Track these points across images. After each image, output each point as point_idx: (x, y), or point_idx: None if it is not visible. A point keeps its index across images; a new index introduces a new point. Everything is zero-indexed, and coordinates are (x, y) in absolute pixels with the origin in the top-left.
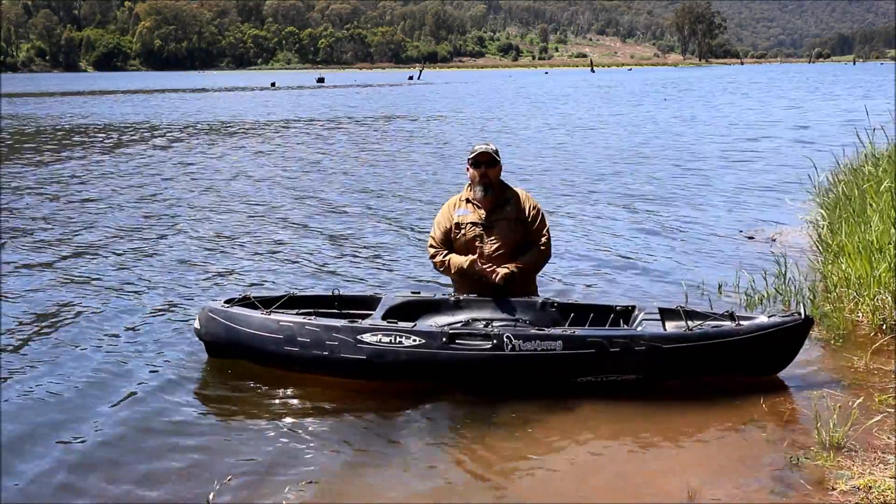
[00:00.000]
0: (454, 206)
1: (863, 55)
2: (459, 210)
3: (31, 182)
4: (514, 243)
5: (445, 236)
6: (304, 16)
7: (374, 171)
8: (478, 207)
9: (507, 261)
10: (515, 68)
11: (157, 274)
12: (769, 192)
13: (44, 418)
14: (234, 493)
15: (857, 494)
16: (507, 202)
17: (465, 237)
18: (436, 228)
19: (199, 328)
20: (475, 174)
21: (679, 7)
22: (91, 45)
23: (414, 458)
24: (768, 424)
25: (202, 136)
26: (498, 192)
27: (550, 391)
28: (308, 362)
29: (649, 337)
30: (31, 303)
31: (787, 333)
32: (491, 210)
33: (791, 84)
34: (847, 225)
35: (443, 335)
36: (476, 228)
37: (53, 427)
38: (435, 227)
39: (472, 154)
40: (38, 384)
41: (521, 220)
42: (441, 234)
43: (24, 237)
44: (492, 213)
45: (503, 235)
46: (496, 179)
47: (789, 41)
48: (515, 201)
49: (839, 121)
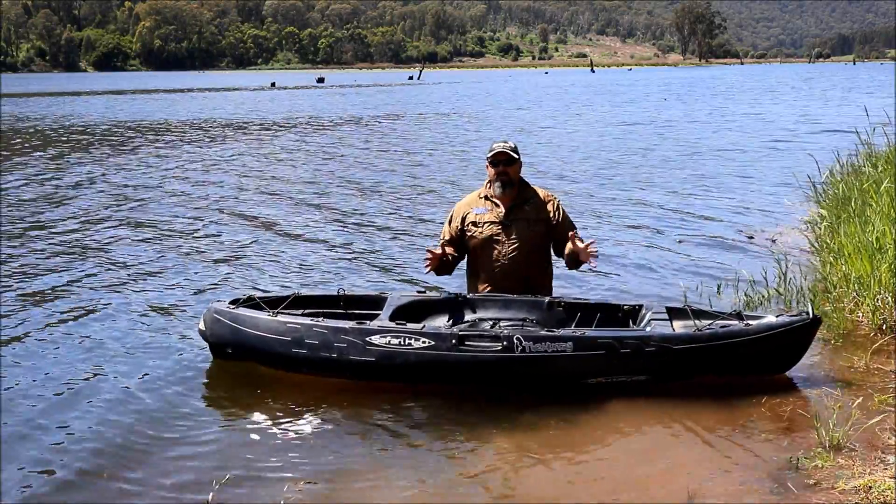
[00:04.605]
0: (470, 205)
1: (863, 55)
2: (477, 208)
3: (32, 182)
4: (532, 243)
5: (455, 236)
6: (304, 16)
7: (377, 170)
8: (496, 206)
9: (524, 261)
10: (515, 68)
11: (159, 275)
12: (769, 192)
13: (44, 417)
14: (235, 493)
15: (857, 494)
16: (526, 201)
17: (482, 235)
18: (447, 226)
19: (204, 329)
20: (493, 172)
21: (679, 7)
22: (91, 45)
23: (415, 459)
24: (768, 424)
25: (202, 137)
26: (518, 190)
27: (557, 393)
28: (315, 364)
29: (660, 338)
30: (32, 303)
31: (796, 333)
32: (510, 208)
33: (791, 85)
34: (847, 225)
35: (452, 336)
36: (494, 227)
37: (54, 426)
38: (446, 224)
39: (490, 152)
40: (39, 383)
41: (542, 220)
42: (451, 233)
43: (24, 237)
44: (510, 211)
45: (521, 235)
46: (516, 177)
47: (789, 41)
48: (536, 201)
49: (839, 121)
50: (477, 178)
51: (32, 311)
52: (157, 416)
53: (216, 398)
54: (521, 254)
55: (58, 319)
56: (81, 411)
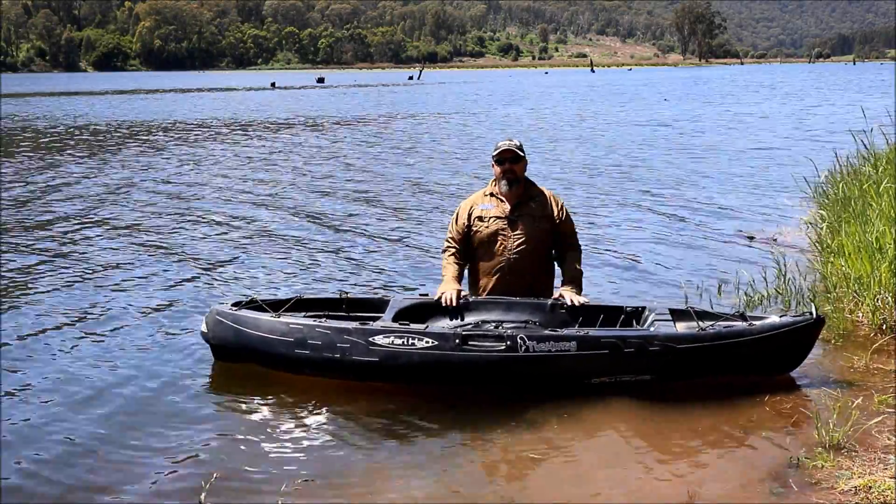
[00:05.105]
0: (475, 202)
1: (863, 55)
2: (482, 205)
3: (33, 182)
4: (537, 240)
5: (461, 233)
6: (304, 16)
7: (377, 171)
8: (501, 202)
9: (528, 256)
10: (515, 68)
11: (161, 276)
12: (769, 193)
13: (44, 417)
14: (235, 493)
15: (857, 494)
16: (532, 199)
17: (487, 230)
18: (452, 225)
19: (206, 331)
20: (499, 171)
21: (679, 7)
22: (91, 45)
23: (415, 459)
24: (768, 424)
25: (202, 137)
26: (523, 188)
27: (559, 393)
28: (318, 365)
29: (663, 337)
30: (32, 303)
31: (800, 333)
32: (515, 205)
33: (792, 85)
34: (847, 225)
35: (456, 336)
36: (500, 221)
37: (54, 425)
38: (452, 223)
39: (496, 151)
40: (40, 383)
41: (547, 218)
42: (457, 231)
43: (25, 237)
44: (516, 208)
45: (527, 231)
46: (521, 174)
47: (789, 41)
48: (541, 199)
49: (839, 121)
50: (479, 179)
51: (33, 311)
52: (158, 416)
53: (217, 399)
54: (526, 249)
55: (58, 321)
56: (82, 411)
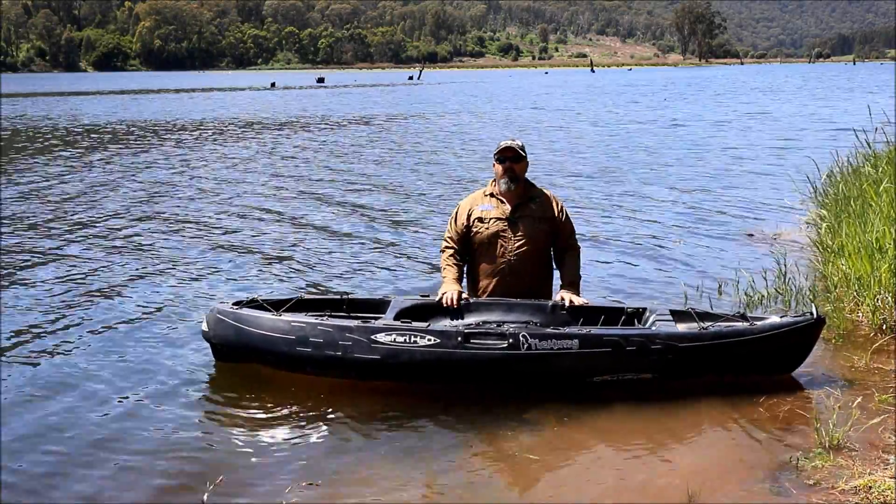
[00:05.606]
0: (475, 202)
1: (863, 55)
2: (482, 205)
3: (33, 182)
4: (538, 241)
5: (460, 234)
6: (304, 16)
7: (377, 171)
8: (502, 203)
9: (529, 258)
10: (515, 68)
11: (162, 276)
12: (770, 192)
13: (45, 417)
14: (236, 493)
15: (857, 494)
16: (532, 199)
17: (487, 231)
18: (451, 225)
19: (207, 330)
20: (500, 169)
21: (679, 7)
22: (91, 45)
23: (416, 459)
24: (768, 424)
25: (202, 137)
26: (523, 189)
27: (559, 392)
28: (320, 363)
29: (665, 336)
30: (34, 303)
31: (801, 333)
32: (516, 206)
33: (792, 85)
34: (847, 225)
35: (458, 334)
36: (500, 223)
37: (54, 425)
38: (451, 222)
39: (497, 150)
40: (40, 383)
41: (547, 219)
42: (456, 231)
43: (26, 237)
44: (517, 209)
45: (528, 232)
46: (522, 174)
47: (789, 41)
48: (542, 200)
49: (839, 121)
50: (480, 179)
51: (33, 311)
52: (158, 416)
53: (217, 399)
54: (526, 251)
55: (58, 321)
56: (82, 411)
